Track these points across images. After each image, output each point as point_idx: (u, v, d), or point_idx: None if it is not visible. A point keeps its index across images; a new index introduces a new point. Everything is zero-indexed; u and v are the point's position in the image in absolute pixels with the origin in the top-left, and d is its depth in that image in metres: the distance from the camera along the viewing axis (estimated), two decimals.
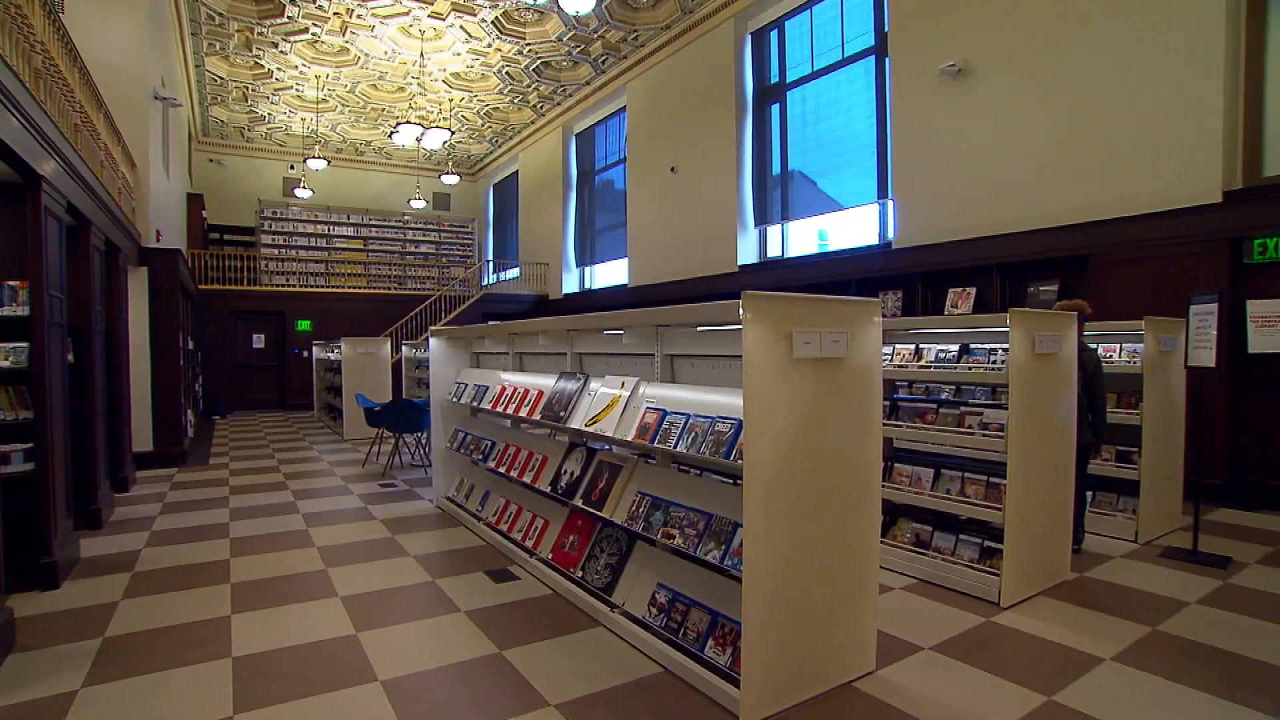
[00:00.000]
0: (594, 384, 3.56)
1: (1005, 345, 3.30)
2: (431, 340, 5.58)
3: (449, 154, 17.55)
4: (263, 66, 11.92)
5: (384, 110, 14.24)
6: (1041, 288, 6.46)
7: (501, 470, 4.38)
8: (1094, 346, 4.25)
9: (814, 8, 9.07)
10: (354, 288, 15.83)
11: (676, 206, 11.23)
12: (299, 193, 15.15)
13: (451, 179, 14.72)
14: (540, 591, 3.60)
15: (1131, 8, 5.85)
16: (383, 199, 18.12)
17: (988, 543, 3.46)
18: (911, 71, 7.55)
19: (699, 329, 3.06)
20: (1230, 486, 5.37)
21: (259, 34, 10.66)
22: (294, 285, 15.47)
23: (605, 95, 13.05)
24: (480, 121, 15.13)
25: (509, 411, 4.31)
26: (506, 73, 12.34)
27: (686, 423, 2.74)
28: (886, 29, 7.90)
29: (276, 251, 16.05)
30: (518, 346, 4.90)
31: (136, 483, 6.50)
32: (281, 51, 11.32)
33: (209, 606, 3.43)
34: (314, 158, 13.52)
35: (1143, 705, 2.47)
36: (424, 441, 7.75)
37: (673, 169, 11.19)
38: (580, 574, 3.47)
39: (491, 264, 18.30)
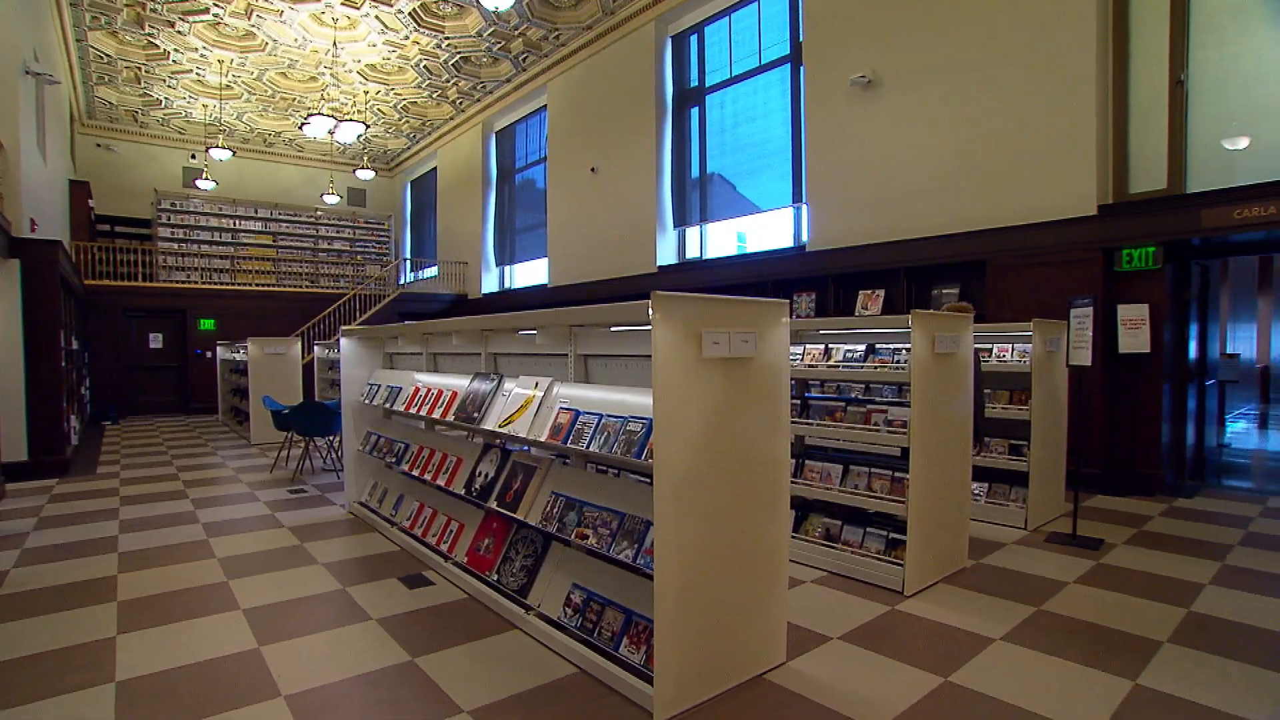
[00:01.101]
0: (508, 384, 3.52)
1: (908, 345, 3.46)
2: (342, 340, 5.38)
3: (364, 148, 16.96)
4: (157, 46, 11.14)
5: (294, 100, 13.62)
6: (944, 290, 6.82)
7: (415, 473, 4.28)
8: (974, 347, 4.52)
9: (733, 15, 9.27)
10: (262, 285, 15.06)
11: (597, 207, 11.24)
12: (201, 184, 14.25)
13: (367, 174, 14.24)
14: (455, 596, 3.53)
15: (1019, 39, 6.26)
16: (294, 193, 17.33)
17: (893, 534, 3.63)
18: (824, 81, 7.82)
19: (612, 329, 3.07)
20: (1105, 475, 5.83)
21: (151, 10, 9.97)
22: (196, 282, 14.60)
23: (526, 93, 12.92)
24: (397, 116, 14.70)
25: (422, 413, 4.21)
26: (425, 66, 12.03)
27: (599, 423, 2.75)
28: (801, 39, 8.15)
29: (176, 246, 15.10)
30: (432, 347, 4.79)
31: (6, 496, 5.98)
32: (179, 31, 10.62)
33: (91, 628, 3.18)
34: (218, 147, 12.77)
35: (1024, 679, 2.64)
36: (336, 445, 7.47)
37: (593, 169, 11.19)
38: (496, 577, 3.42)
39: (409, 262, 17.81)
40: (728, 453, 2.49)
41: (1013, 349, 4.87)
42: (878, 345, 3.85)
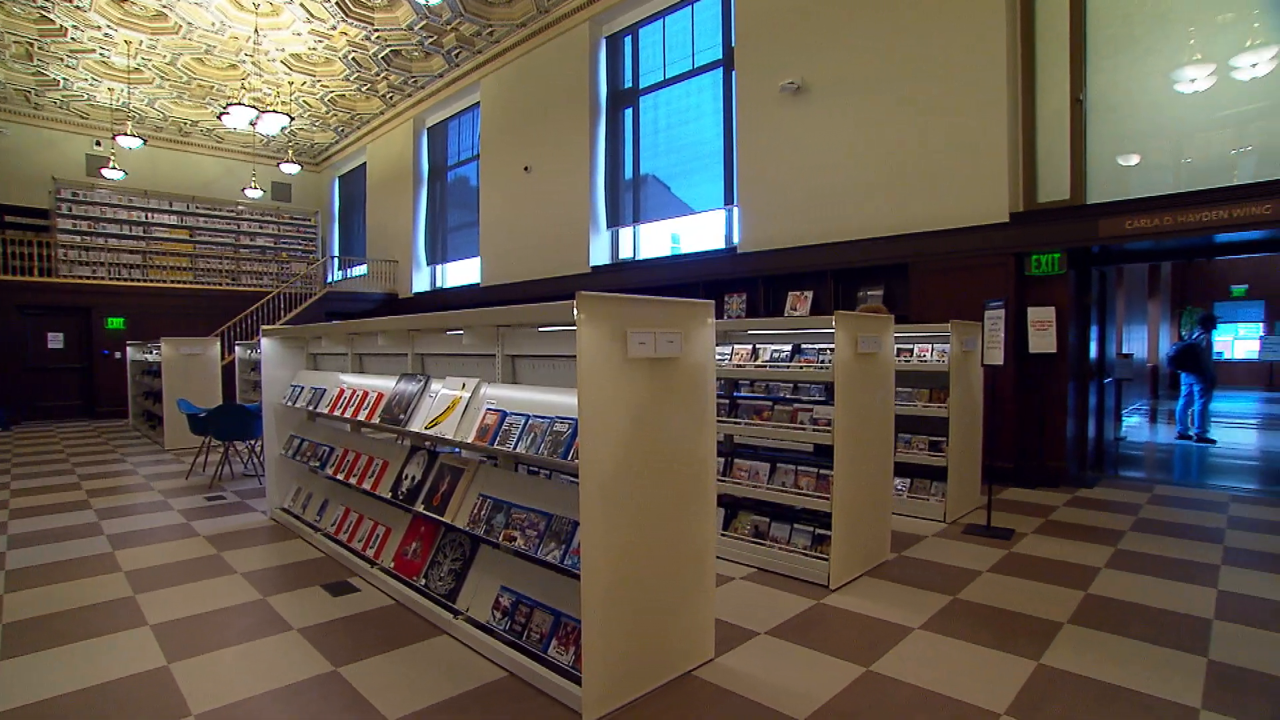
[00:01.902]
0: (435, 385, 3.47)
1: (833, 345, 3.58)
2: (263, 341, 5.17)
3: (289, 141, 16.33)
4: (52, 21, 10.28)
5: (212, 88, 12.97)
6: (870, 292, 7.07)
7: (340, 477, 4.16)
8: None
9: (667, 18, 9.35)
10: (179, 282, 14.27)
11: (530, 206, 11.16)
12: (108, 173, 13.31)
13: (292, 168, 13.70)
14: (382, 602, 3.45)
15: (938, 55, 6.55)
16: (213, 186, 16.50)
17: (819, 530, 3.73)
18: (755, 86, 7.98)
19: (540, 329, 3.07)
20: (1017, 468, 6.17)
21: None
22: (103, 278, 13.70)
23: (459, 89, 12.71)
24: (324, 109, 14.21)
25: (347, 415, 4.09)
26: (353, 59, 11.67)
27: (526, 423, 2.74)
28: (733, 44, 8.30)
29: (79, 239, 14.15)
30: (357, 347, 4.66)
31: None
32: (78, 6, 9.87)
33: None
34: (126, 135, 12.01)
35: (939, 665, 2.77)
36: (257, 449, 7.17)
37: (526, 168, 11.11)
38: (423, 582, 3.36)
39: (337, 260, 17.23)
40: (654, 452, 2.51)
41: (932, 349, 5.10)
42: (803, 345, 3.96)
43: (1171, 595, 3.52)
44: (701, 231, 9.23)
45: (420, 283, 14.56)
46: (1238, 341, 16.13)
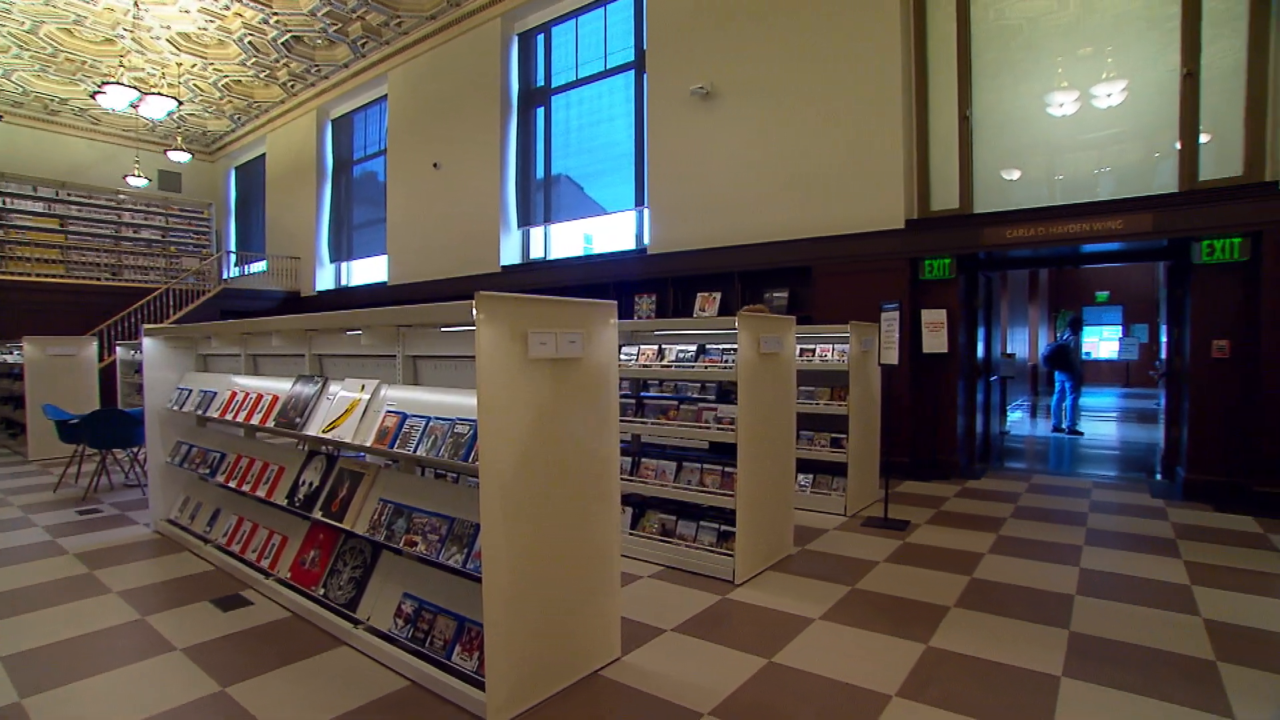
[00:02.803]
0: (333, 387, 3.34)
1: (736, 346, 3.67)
2: (145, 341, 4.83)
3: (178, 127, 15.27)
4: None
5: (85, 64, 11.91)
6: (775, 294, 7.30)
7: (232, 485, 3.94)
8: None
9: (579, 18, 9.34)
10: (47, 276, 13.05)
11: (439, 203, 10.90)
12: None
13: (182, 156, 12.82)
14: (277, 615, 3.29)
15: (840, 66, 6.85)
16: (87, 171, 15.19)
17: (724, 527, 3.82)
18: (666, 89, 8.10)
19: (442, 329, 3.01)
20: (913, 462, 6.52)
21: None
22: None
23: (365, 81, 12.25)
24: (218, 94, 13.37)
25: (240, 419, 3.88)
26: (250, 42, 11.04)
27: (427, 425, 2.68)
28: (645, 47, 8.38)
29: None
30: (251, 347, 4.42)
31: None
32: None
33: None
34: None
35: (837, 653, 2.90)
36: (140, 457, 6.67)
37: (435, 164, 10.83)
38: (322, 591, 3.23)
39: (234, 255, 16.26)
40: (557, 452, 2.51)
41: (833, 349, 5.32)
42: (708, 346, 4.05)
43: (1042, 575, 3.82)
44: (615, 232, 9.27)
45: (324, 281, 13.95)
46: (1102, 342, 17.66)
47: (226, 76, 12.48)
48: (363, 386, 3.18)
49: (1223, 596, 3.51)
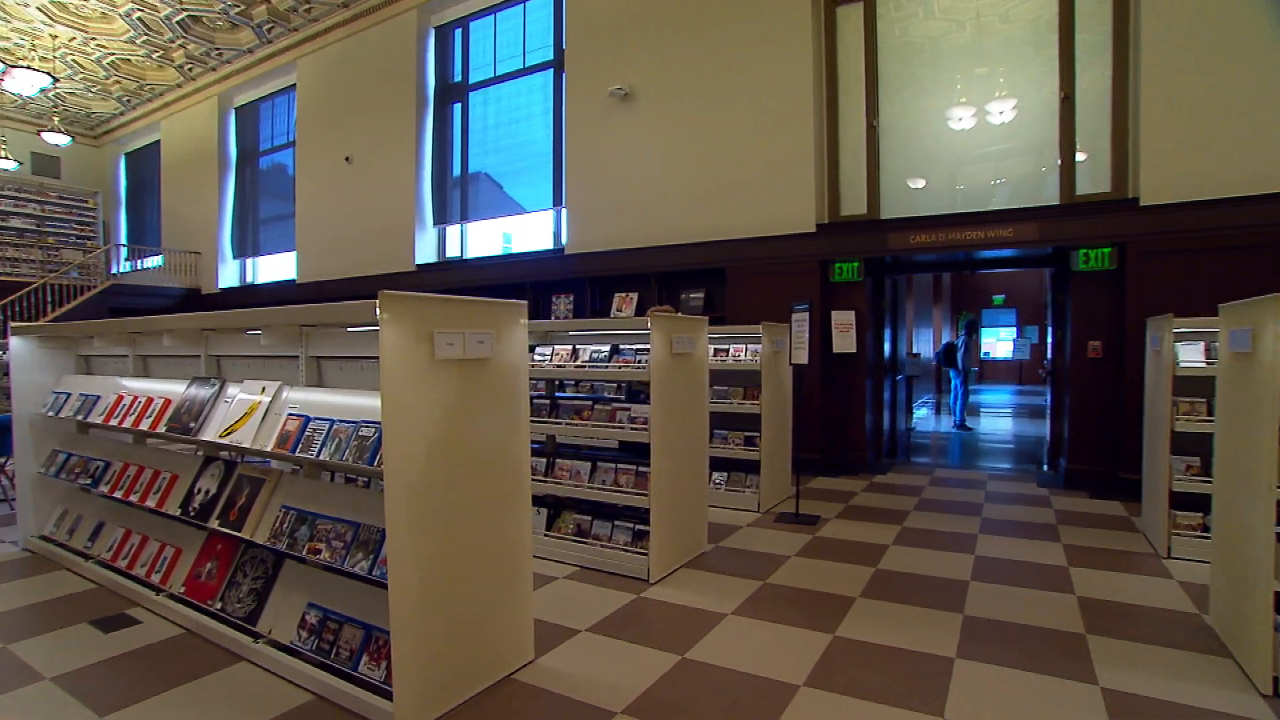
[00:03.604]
0: (232, 389, 3.17)
1: (649, 346, 3.71)
2: (13, 340, 4.44)
3: (56, 106, 14.05)
4: None
5: None
6: (691, 295, 7.43)
7: (118, 495, 3.67)
8: None
9: (498, 13, 9.21)
10: None
11: (352, 199, 10.50)
12: None
13: (60, 139, 11.86)
14: (169, 633, 3.09)
15: (755, 74, 7.03)
16: None
17: (639, 526, 3.85)
18: (584, 89, 8.10)
19: (348, 329, 2.91)
20: (824, 458, 6.76)
21: None
22: None
23: (272, 68, 11.67)
24: (103, 73, 12.40)
25: (127, 425, 3.63)
26: (139, 19, 10.30)
27: (331, 428, 2.59)
28: (564, 46, 8.35)
29: None
30: (141, 348, 4.15)
31: None
32: None
33: None
34: None
35: (748, 646, 2.98)
36: (8, 468, 6.11)
37: (348, 159, 10.44)
38: (220, 605, 3.06)
39: (125, 249, 15.14)
40: (466, 454, 2.48)
41: (746, 349, 5.45)
42: (622, 346, 4.09)
43: (940, 564, 4.04)
44: (535, 231, 9.19)
45: (228, 277, 13.19)
46: (999, 343, 18.86)
47: (112, 54, 11.60)
48: (263, 389, 3.04)
49: (1093, 575, 3.82)
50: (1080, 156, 5.97)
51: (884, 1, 6.74)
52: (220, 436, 3.03)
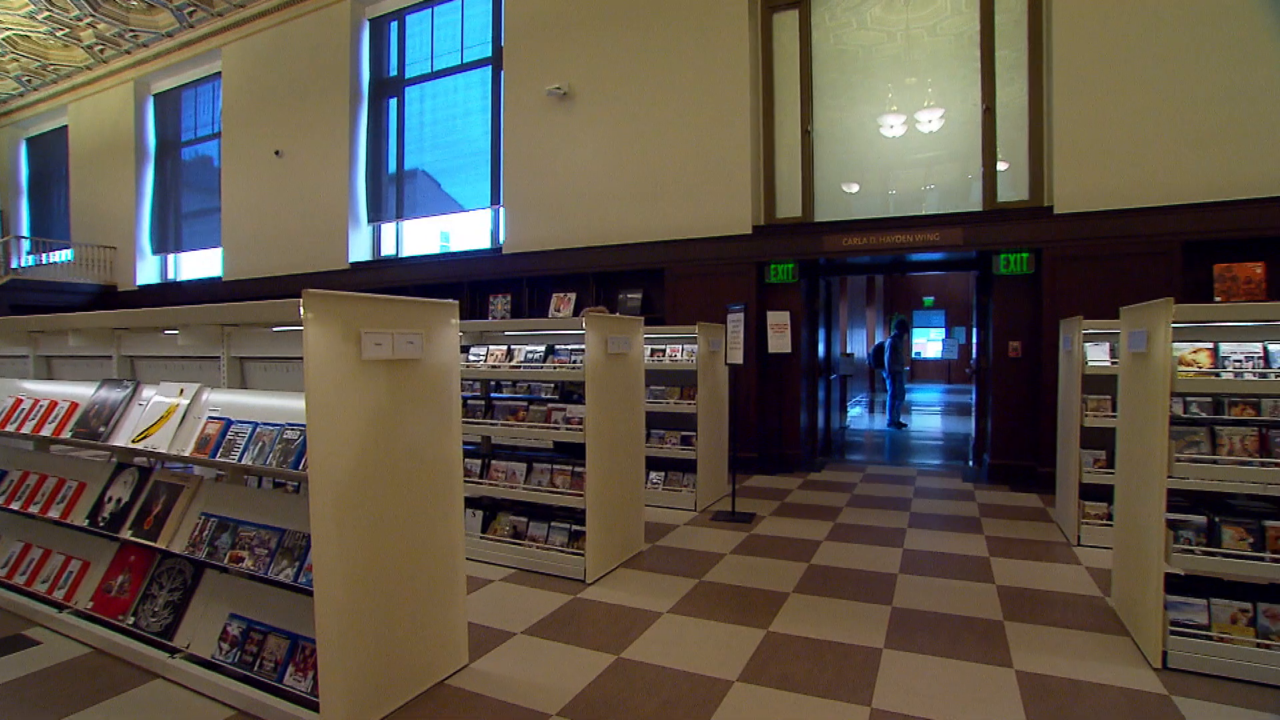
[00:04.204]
0: (147, 392, 3.02)
1: (585, 346, 3.71)
2: None
3: None
4: None
5: None
6: (629, 295, 7.45)
7: (15, 507, 3.44)
8: None
9: (435, 8, 9.04)
10: None
11: (282, 194, 10.12)
12: None
13: None
14: (73, 653, 2.90)
15: (693, 77, 7.13)
16: None
17: (575, 527, 3.84)
18: (522, 88, 8.03)
19: (273, 329, 2.81)
20: (760, 457, 6.89)
21: None
22: None
23: (195, 54, 11.13)
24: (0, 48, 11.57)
25: (26, 430, 3.40)
26: None
27: (254, 432, 2.49)
28: (503, 43, 8.26)
29: None
30: (44, 348, 3.90)
31: None
32: None
33: None
34: None
35: (683, 644, 3.00)
36: None
37: (277, 152, 10.05)
38: (132, 620, 2.91)
39: (28, 242, 14.19)
40: (395, 457, 2.42)
41: (683, 349, 5.50)
42: (557, 346, 4.07)
43: (871, 558, 4.17)
44: (474, 230, 9.06)
45: (147, 274, 12.51)
46: (929, 343, 19.59)
47: (9, 29, 10.82)
48: (181, 391, 2.90)
49: (1011, 565, 4.01)
50: (1002, 166, 6.26)
51: (819, 10, 6.91)
52: (134, 442, 2.88)
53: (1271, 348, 2.76)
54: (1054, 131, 5.91)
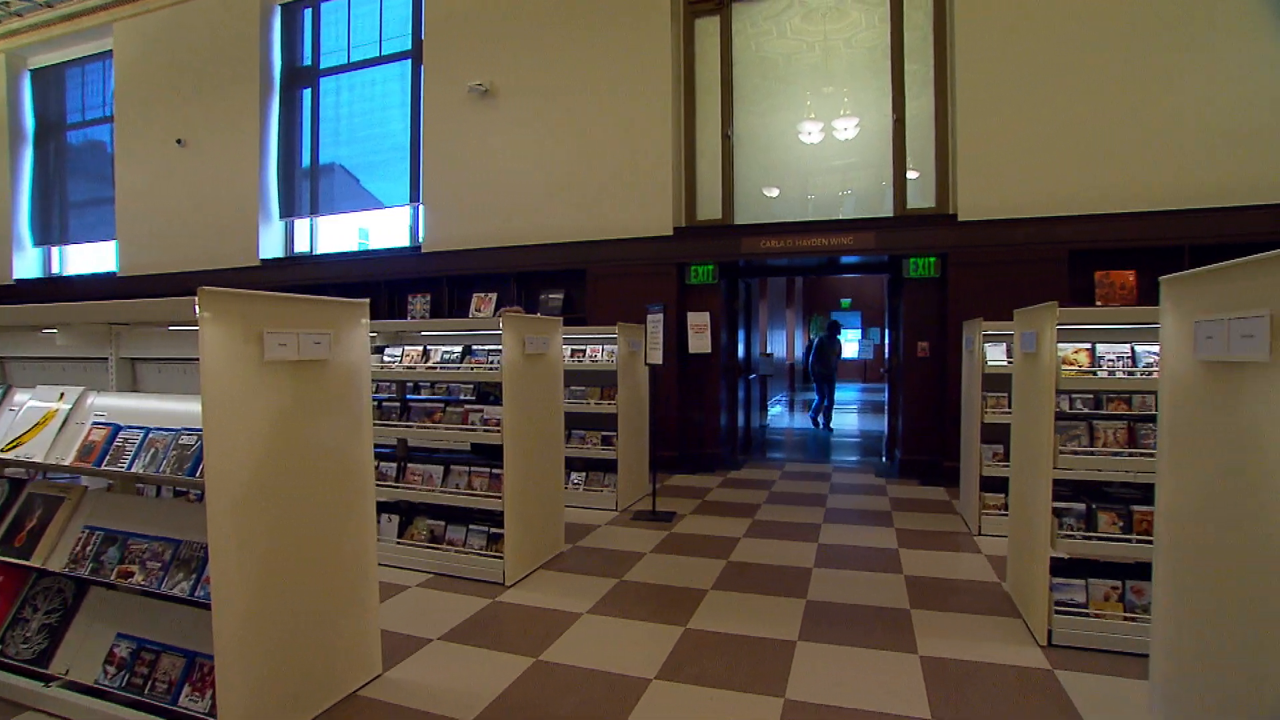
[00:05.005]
0: (20, 396, 2.78)
1: (501, 347, 3.66)
2: None
3: None
4: None
5: None
6: (551, 295, 7.41)
7: None
8: None
9: None
10: None
11: (186, 185, 9.51)
12: None
13: None
14: None
15: (616, 78, 7.13)
16: None
17: (494, 529, 3.79)
18: (443, 83, 7.85)
19: (170, 328, 2.64)
20: (681, 456, 6.98)
21: None
22: None
23: (80, 29, 10.30)
24: None
25: None
26: None
27: (146, 438, 2.34)
28: (423, 37, 8.05)
29: None
30: None
31: None
32: None
33: None
34: None
35: (603, 644, 3.01)
36: None
37: (180, 141, 9.45)
38: None
39: None
40: (301, 461, 2.33)
41: (603, 350, 5.52)
42: (474, 346, 4.01)
43: (788, 553, 4.29)
44: (395, 228, 8.79)
45: (26, 268, 11.50)
46: (846, 343, 20.35)
47: None
48: (61, 395, 2.69)
49: (918, 555, 4.21)
50: (912, 174, 6.56)
51: (740, 17, 7.06)
52: (3, 451, 2.65)
53: (1138, 349, 3.01)
54: (957, 143, 6.24)
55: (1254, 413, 1.48)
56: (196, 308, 1.92)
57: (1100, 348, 3.05)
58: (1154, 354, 3.01)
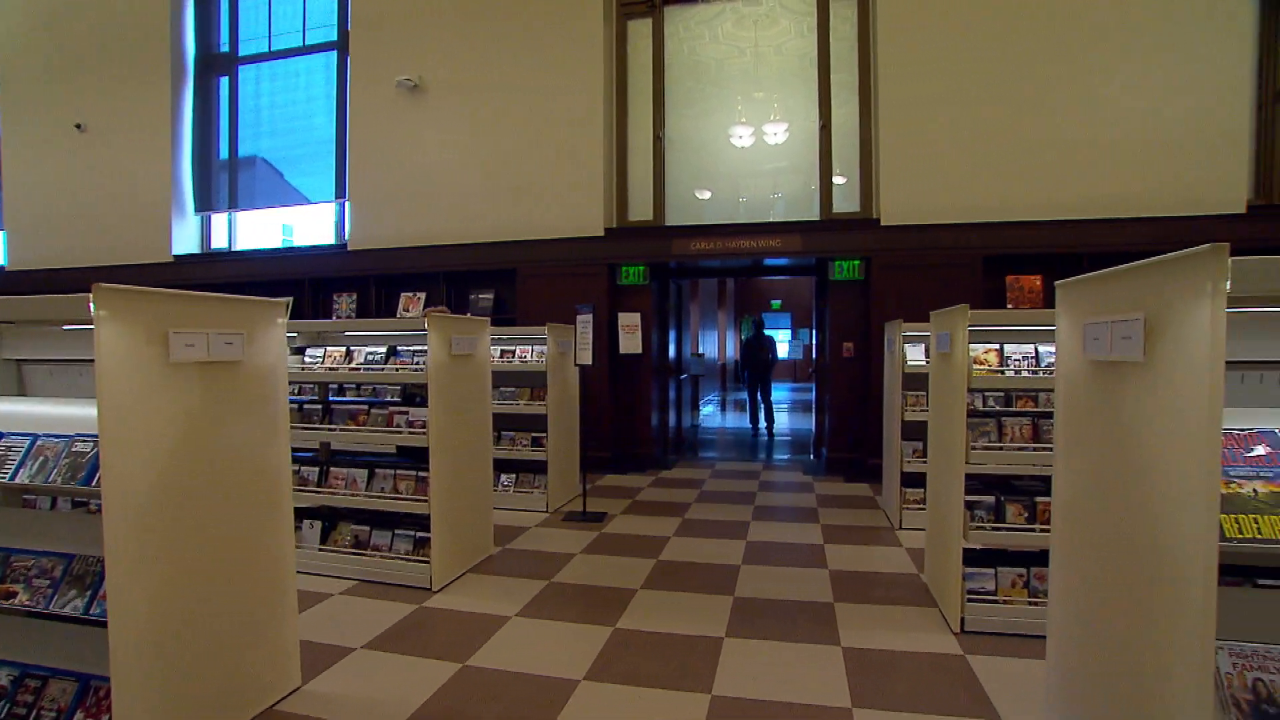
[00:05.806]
0: None
1: (427, 347, 3.59)
2: None
3: None
4: None
5: None
6: (481, 295, 7.30)
7: None
8: None
9: None
10: None
11: (87, 174, 8.91)
12: None
13: None
14: None
15: (548, 79, 7.10)
16: None
17: (420, 533, 3.70)
18: (370, 77, 7.64)
19: (64, 328, 2.48)
20: (613, 456, 6.99)
21: None
22: None
23: None
24: None
25: None
26: None
27: (33, 445, 2.18)
28: (349, 28, 7.80)
29: None
30: None
31: None
32: None
33: None
34: None
35: (531, 647, 2.99)
36: None
37: (79, 126, 8.84)
38: None
39: None
40: (211, 467, 2.22)
41: (533, 350, 5.48)
42: (399, 347, 3.91)
43: (717, 551, 4.36)
44: (320, 224, 8.47)
45: None
46: (778, 344, 20.81)
47: None
48: None
49: (843, 550, 4.35)
50: (839, 180, 6.77)
51: (673, 20, 7.13)
52: None
53: (1042, 349, 3.20)
54: (880, 151, 6.48)
55: (1132, 409, 1.60)
56: (91, 305, 1.80)
57: (1008, 348, 3.23)
58: (1054, 354, 3.20)
